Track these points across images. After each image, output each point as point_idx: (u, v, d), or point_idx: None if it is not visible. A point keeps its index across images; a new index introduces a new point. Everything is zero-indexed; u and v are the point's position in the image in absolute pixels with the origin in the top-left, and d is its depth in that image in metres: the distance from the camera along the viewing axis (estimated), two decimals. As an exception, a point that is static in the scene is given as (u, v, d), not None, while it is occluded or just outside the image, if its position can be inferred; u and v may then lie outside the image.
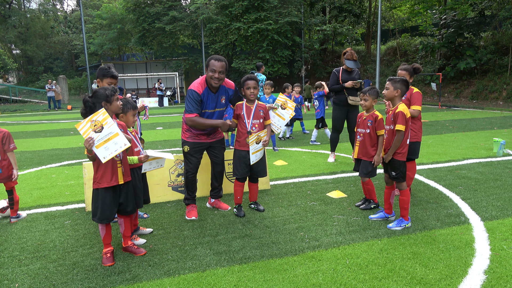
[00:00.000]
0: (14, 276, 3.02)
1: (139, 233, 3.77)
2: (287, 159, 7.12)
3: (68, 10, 49.62)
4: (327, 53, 30.53)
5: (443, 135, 9.37)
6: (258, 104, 4.21)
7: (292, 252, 3.31)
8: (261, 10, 26.20)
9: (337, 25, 25.62)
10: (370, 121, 4.08)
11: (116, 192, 3.17)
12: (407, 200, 3.72)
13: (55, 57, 41.58)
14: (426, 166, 6.25)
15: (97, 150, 2.90)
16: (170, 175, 4.88)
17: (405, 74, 4.56)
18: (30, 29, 38.81)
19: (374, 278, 2.85)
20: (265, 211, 4.35)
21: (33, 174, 6.50)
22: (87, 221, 4.18)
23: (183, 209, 4.48)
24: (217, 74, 3.87)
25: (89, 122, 2.91)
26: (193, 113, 3.93)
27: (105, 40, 35.06)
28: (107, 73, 3.82)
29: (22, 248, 3.53)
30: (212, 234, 3.74)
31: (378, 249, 3.32)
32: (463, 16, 20.91)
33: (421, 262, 3.07)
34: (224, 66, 3.91)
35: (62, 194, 5.23)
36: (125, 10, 31.93)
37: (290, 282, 2.82)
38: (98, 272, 3.04)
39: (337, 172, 5.99)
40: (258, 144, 4.07)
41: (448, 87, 21.65)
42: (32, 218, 4.31)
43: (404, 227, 3.75)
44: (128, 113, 3.50)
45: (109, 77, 3.82)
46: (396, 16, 30.84)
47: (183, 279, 2.91)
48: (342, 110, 6.37)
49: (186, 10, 30.77)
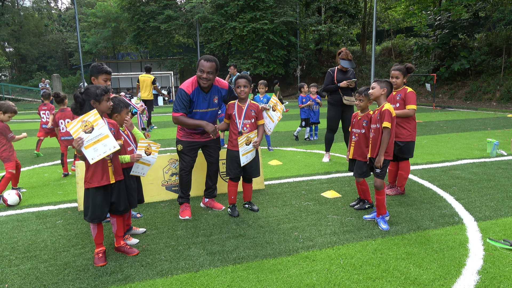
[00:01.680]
0: (4, 276, 2.97)
1: (132, 233, 3.73)
2: (282, 158, 7.10)
3: (62, 8, 49.28)
4: (322, 53, 30.59)
5: (437, 136, 9.41)
6: (250, 104, 4.18)
7: (286, 252, 3.29)
8: (257, 9, 26.20)
9: (332, 25, 25.68)
10: (365, 121, 4.08)
11: (108, 191, 3.13)
12: (383, 198, 3.80)
13: (49, 55, 41.26)
14: (420, 166, 6.27)
15: (85, 150, 2.87)
16: (164, 174, 4.84)
17: (399, 74, 4.57)
18: (23, 27, 38.48)
19: (368, 278, 2.84)
20: (259, 211, 4.33)
21: (26, 173, 6.42)
22: (79, 220, 4.14)
23: (177, 209, 4.44)
24: (205, 74, 3.85)
25: (80, 122, 2.87)
26: (179, 112, 3.94)
27: (100, 38, 34.85)
28: (102, 70, 3.83)
29: (12, 248, 3.48)
30: (205, 234, 3.71)
31: (372, 249, 3.31)
32: (458, 17, 21.03)
33: (415, 262, 3.06)
34: (214, 67, 3.87)
35: (54, 193, 5.17)
36: (120, 8, 31.81)
37: (284, 283, 2.80)
38: (90, 273, 3.00)
39: (332, 172, 5.98)
40: (248, 145, 4.03)
41: (442, 88, 21.77)
42: (24, 218, 4.26)
43: (387, 219, 3.90)
44: (122, 112, 3.46)
45: (104, 73, 3.84)
46: (391, 17, 30.97)
47: (176, 280, 2.88)
48: (337, 110, 6.36)
49: (181, 9, 30.71)
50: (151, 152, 3.46)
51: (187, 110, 3.99)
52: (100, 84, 3.70)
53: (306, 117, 9.03)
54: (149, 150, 3.44)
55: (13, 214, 4.40)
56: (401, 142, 4.57)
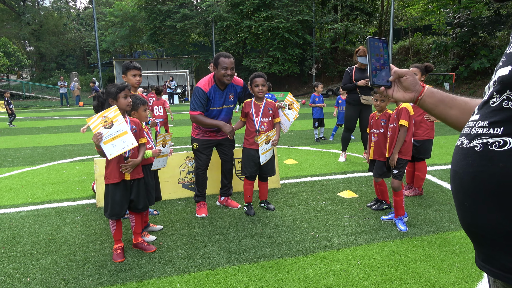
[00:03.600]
0: (26, 270, 3.04)
1: (149, 230, 3.77)
2: (298, 158, 7.07)
3: (81, 8, 50.11)
4: (338, 52, 30.32)
5: (456, 136, 9.22)
6: (267, 102, 4.17)
7: (303, 252, 3.27)
8: (272, 8, 26.13)
9: (348, 24, 25.43)
10: (384, 120, 4.03)
11: (127, 188, 3.17)
12: (401, 199, 3.75)
13: (68, 54, 42.02)
14: (439, 167, 6.15)
15: (104, 146, 2.92)
16: (180, 172, 4.88)
17: (417, 71, 4.49)
18: (43, 26, 39.29)
19: (387, 280, 2.80)
20: (276, 210, 4.32)
21: (45, 169, 6.56)
22: (98, 216, 4.20)
23: (193, 207, 4.47)
24: (229, 71, 3.88)
25: (100, 118, 2.92)
26: (196, 111, 3.97)
27: (117, 37, 35.34)
28: (129, 66, 3.89)
29: (34, 242, 3.56)
30: (222, 232, 3.72)
31: (390, 250, 3.27)
32: (478, 15, 20.55)
33: (434, 265, 3.01)
34: (233, 62, 3.95)
35: (73, 190, 5.27)
36: (137, 7, 32.18)
37: (300, 282, 2.79)
38: (109, 268, 3.05)
39: (348, 172, 5.92)
40: (267, 144, 4.03)
41: (461, 87, 21.32)
42: (44, 213, 4.35)
43: (405, 221, 3.83)
44: (140, 109, 3.50)
45: (132, 69, 3.89)
46: (409, 15, 30.49)
47: (193, 277, 2.89)
48: (355, 110, 6.30)
49: (197, 8, 30.88)
50: (166, 143, 3.72)
51: (204, 109, 4.01)
52: (130, 81, 3.82)
53: (318, 117, 8.92)
54: (165, 142, 3.70)
55: (34, 209, 4.50)
56: (418, 142, 4.48)
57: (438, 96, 1.23)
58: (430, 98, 1.24)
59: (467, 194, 0.89)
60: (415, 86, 1.27)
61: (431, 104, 1.23)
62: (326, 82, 28.13)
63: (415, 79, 1.27)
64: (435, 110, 1.23)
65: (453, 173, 0.95)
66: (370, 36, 1.31)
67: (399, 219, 3.76)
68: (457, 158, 0.94)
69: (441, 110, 1.22)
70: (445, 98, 1.22)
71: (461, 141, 0.95)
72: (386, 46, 1.32)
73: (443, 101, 1.22)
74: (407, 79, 1.27)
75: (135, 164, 3.11)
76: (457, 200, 0.94)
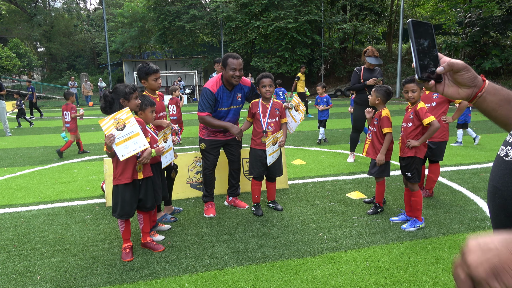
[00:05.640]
0: (36, 268, 3.08)
1: (157, 229, 3.79)
2: (306, 158, 7.05)
3: (91, 9, 50.61)
4: (347, 52, 30.16)
5: (467, 136, 9.10)
6: (274, 102, 4.17)
7: (311, 252, 3.26)
8: (281, 8, 26.09)
9: (357, 24, 25.27)
10: (376, 119, 4.00)
11: (136, 188, 3.19)
12: (419, 201, 3.67)
13: (78, 54, 42.47)
14: (449, 168, 6.08)
15: (116, 147, 2.94)
16: (188, 172, 4.90)
17: None
18: (54, 27, 39.75)
19: (396, 282, 2.78)
20: (283, 211, 4.31)
21: (56, 168, 6.64)
22: (107, 216, 4.24)
23: (201, 207, 4.48)
24: (237, 72, 3.88)
25: (112, 119, 2.94)
26: (204, 112, 3.97)
27: (126, 38, 35.61)
28: (149, 70, 3.78)
29: (44, 241, 3.60)
30: (230, 232, 3.73)
31: (399, 252, 3.24)
32: (489, 14, 20.28)
33: (444, 267, 2.98)
34: (242, 63, 3.94)
35: (83, 189, 5.32)
36: (146, 8, 32.38)
37: (308, 283, 2.78)
38: (117, 267, 3.07)
39: (357, 173, 5.89)
40: (274, 145, 4.03)
41: (472, 88, 21.06)
42: (54, 212, 4.40)
43: (418, 227, 3.70)
44: (147, 110, 3.52)
45: (152, 73, 3.80)
46: (419, 14, 30.22)
47: (201, 277, 2.90)
48: (363, 110, 6.25)
49: (206, 8, 30.96)
50: (167, 137, 3.71)
51: (212, 109, 4.02)
52: (152, 85, 3.77)
53: (319, 118, 8.81)
54: (165, 137, 3.68)
55: (45, 208, 4.56)
56: (434, 144, 4.43)
57: (504, 94, 0.95)
58: (492, 96, 0.96)
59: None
60: (474, 81, 0.98)
61: (494, 104, 0.95)
62: (334, 82, 28.01)
63: (473, 74, 0.99)
64: (498, 111, 0.95)
65: (493, 189, 0.78)
66: (412, 19, 1.05)
67: (413, 220, 3.71)
68: (500, 173, 0.76)
69: (506, 112, 0.94)
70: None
71: (505, 151, 0.78)
72: (432, 32, 1.05)
73: (510, 100, 0.94)
74: (463, 75, 0.98)
75: (149, 154, 3.17)
76: (499, 222, 0.76)
